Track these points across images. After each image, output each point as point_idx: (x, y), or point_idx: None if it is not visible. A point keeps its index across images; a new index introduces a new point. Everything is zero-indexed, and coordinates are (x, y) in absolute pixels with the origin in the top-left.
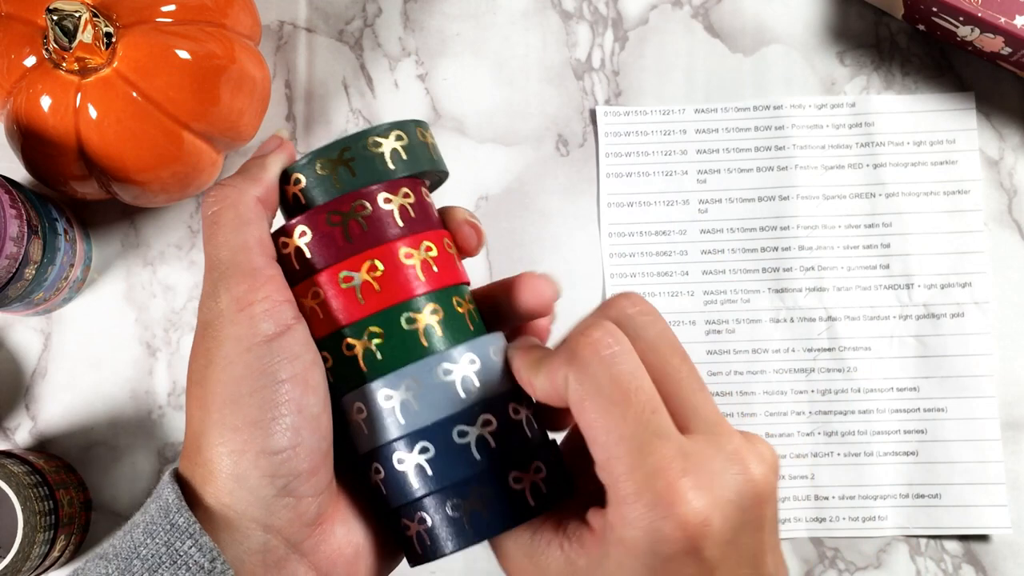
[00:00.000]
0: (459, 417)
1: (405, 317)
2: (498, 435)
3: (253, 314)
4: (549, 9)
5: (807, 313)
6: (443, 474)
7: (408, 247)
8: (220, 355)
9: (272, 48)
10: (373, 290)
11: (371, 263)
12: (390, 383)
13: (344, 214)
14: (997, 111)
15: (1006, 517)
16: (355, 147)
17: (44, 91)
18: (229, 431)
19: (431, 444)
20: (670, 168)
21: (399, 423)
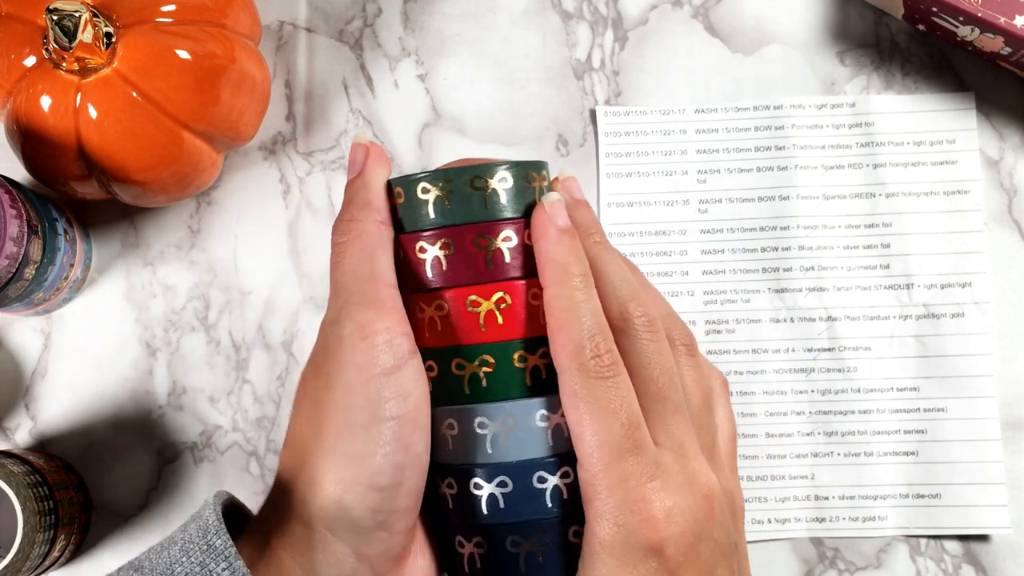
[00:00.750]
0: (543, 464)
1: (518, 355)
2: (571, 489)
3: (375, 344)
4: (549, 9)
5: (807, 313)
6: (514, 511)
7: (537, 289)
8: (341, 381)
9: (272, 48)
10: (495, 321)
11: (502, 295)
12: (489, 413)
13: (492, 239)
14: (997, 111)
15: (1006, 517)
16: (514, 175)
17: (44, 91)
18: (343, 458)
19: (511, 481)
20: (670, 168)
21: (486, 452)
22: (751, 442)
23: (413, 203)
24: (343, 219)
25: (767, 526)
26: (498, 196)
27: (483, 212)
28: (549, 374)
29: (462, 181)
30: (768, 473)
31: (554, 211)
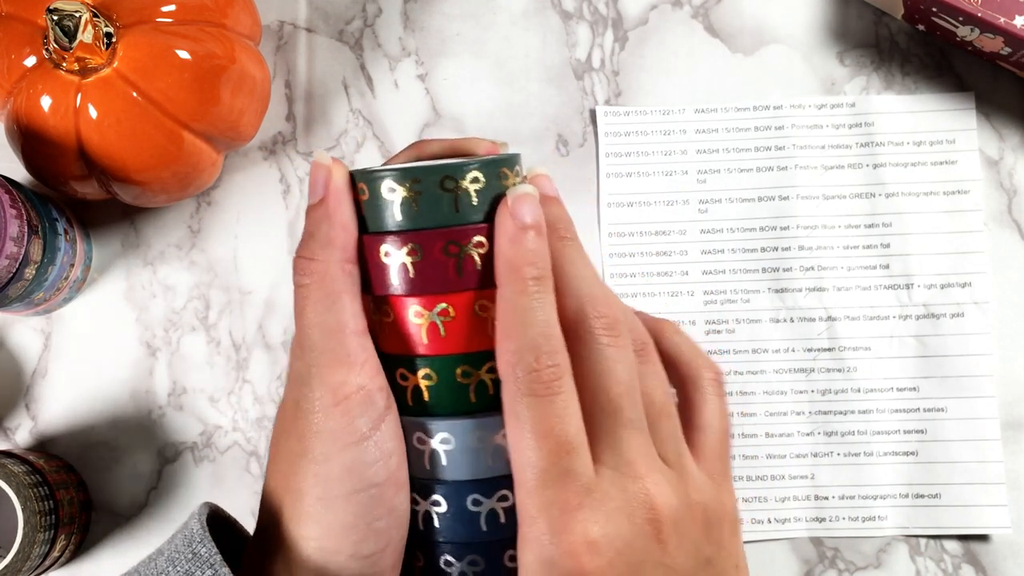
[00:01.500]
0: (478, 486)
1: (462, 370)
2: (508, 513)
3: (349, 408)
4: (549, 9)
5: (807, 313)
6: (448, 531)
7: (486, 300)
8: (316, 450)
9: (272, 48)
10: (438, 333)
11: (445, 307)
12: (428, 429)
13: (462, 246)
14: (997, 111)
15: (1006, 517)
16: (486, 173)
17: (44, 91)
18: (323, 528)
19: (444, 501)
20: (670, 168)
21: (424, 468)
22: (751, 442)
23: (378, 202)
24: (303, 256)
25: (767, 526)
26: (470, 198)
27: (453, 216)
28: (495, 390)
29: (431, 181)
30: (768, 473)
31: (516, 206)
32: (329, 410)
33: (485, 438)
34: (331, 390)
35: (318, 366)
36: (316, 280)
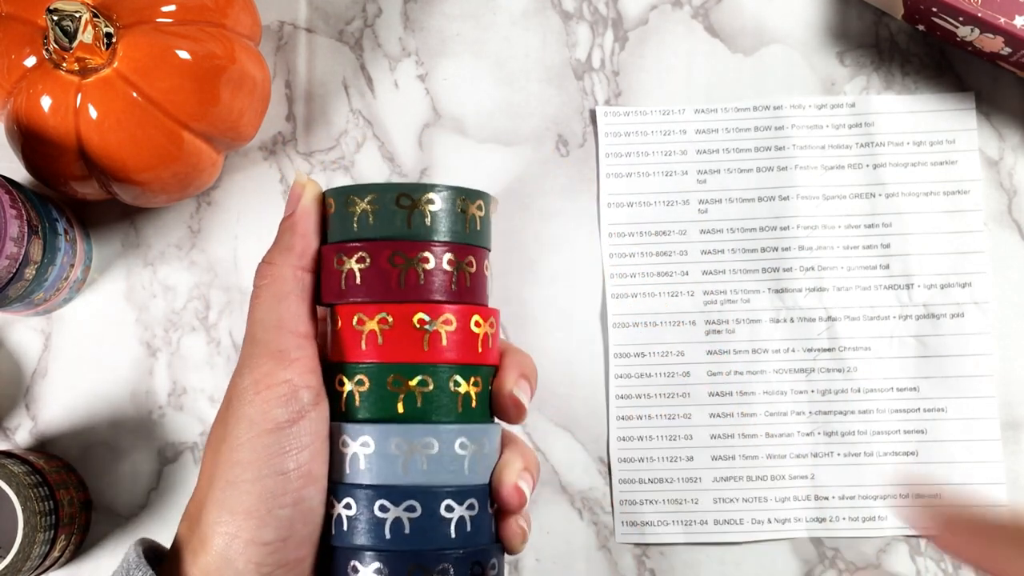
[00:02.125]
0: (388, 492)
1: (392, 378)
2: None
3: (268, 398)
4: (549, 9)
5: (807, 313)
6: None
7: (426, 314)
8: (233, 434)
9: (272, 48)
10: (376, 341)
11: (384, 315)
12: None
13: (408, 259)
14: (997, 111)
15: None
16: (442, 199)
17: (44, 91)
18: (227, 513)
19: (354, 504)
20: (670, 168)
21: (344, 470)
22: (751, 442)
23: (341, 215)
24: (264, 261)
25: (767, 526)
26: (424, 217)
27: (405, 231)
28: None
29: (388, 197)
30: (768, 473)
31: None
32: (251, 397)
33: (403, 447)
34: (256, 379)
35: (252, 357)
36: (269, 282)
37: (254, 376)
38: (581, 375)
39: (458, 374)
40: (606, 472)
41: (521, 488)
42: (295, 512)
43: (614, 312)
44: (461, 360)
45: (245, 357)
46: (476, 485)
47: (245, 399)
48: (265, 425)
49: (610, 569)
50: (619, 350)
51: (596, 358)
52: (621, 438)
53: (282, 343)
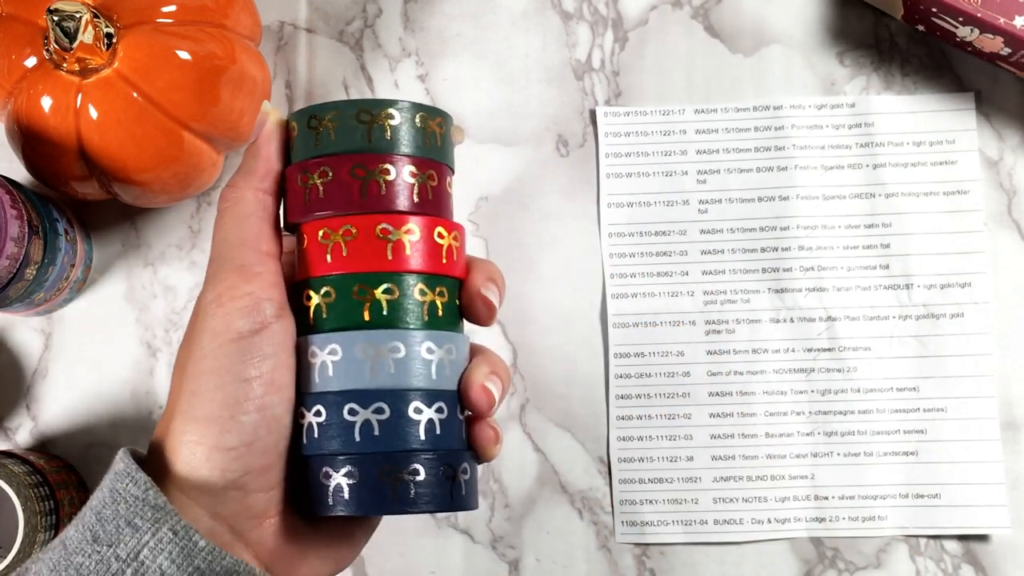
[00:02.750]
0: (357, 396)
1: (358, 287)
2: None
3: (231, 310)
4: (549, 9)
5: (807, 313)
6: (325, 440)
7: (389, 224)
8: (197, 346)
9: (272, 48)
10: (351, 251)
11: (348, 227)
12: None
13: (369, 171)
14: (997, 111)
15: (1006, 517)
16: (401, 114)
17: (45, 91)
18: (191, 422)
19: (324, 410)
20: (670, 168)
21: (313, 381)
22: (751, 442)
23: (303, 135)
24: (228, 185)
25: (767, 526)
26: (384, 131)
27: (366, 144)
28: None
29: (348, 114)
30: (768, 473)
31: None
32: (213, 310)
33: (370, 351)
34: (219, 293)
35: (215, 274)
36: (231, 204)
37: (217, 291)
38: (581, 375)
39: (423, 283)
40: (606, 472)
41: (489, 388)
42: (258, 419)
43: (614, 312)
44: (425, 269)
45: (209, 275)
46: (445, 390)
47: (208, 312)
48: (228, 335)
49: (610, 569)
50: (619, 350)
51: (596, 358)
52: (621, 438)
53: (245, 259)
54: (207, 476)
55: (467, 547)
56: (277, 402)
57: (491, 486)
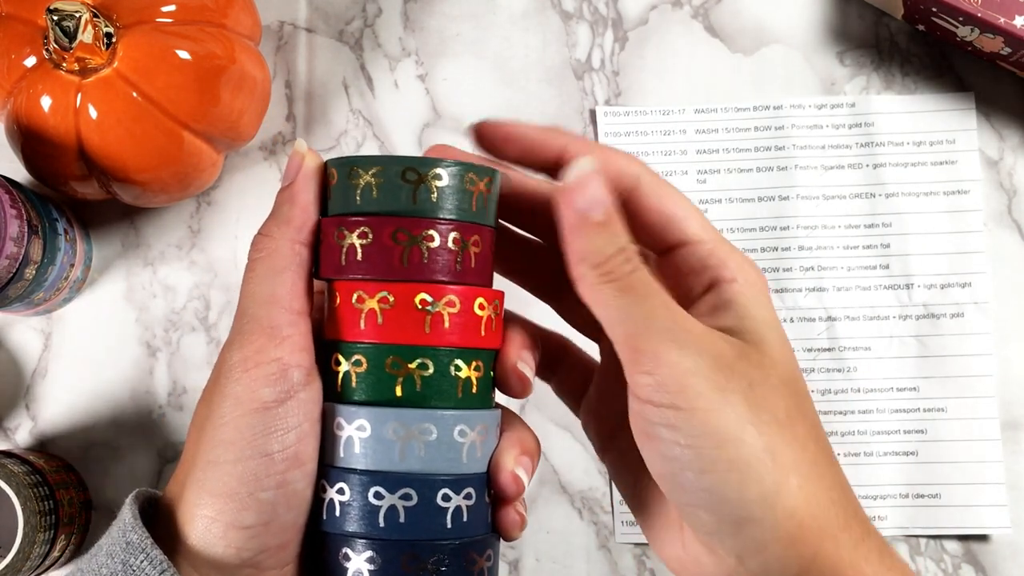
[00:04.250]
0: (384, 479)
1: (392, 360)
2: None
3: (256, 376)
4: (549, 9)
5: (807, 313)
6: (348, 521)
7: (429, 294)
8: (218, 412)
9: (272, 48)
10: (387, 320)
11: (385, 295)
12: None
13: (412, 236)
14: (997, 111)
15: (1006, 517)
16: (449, 175)
17: (44, 91)
18: (207, 494)
19: (348, 489)
20: (670, 168)
21: (337, 454)
22: None
23: (343, 186)
24: (261, 233)
25: None
26: (430, 193)
27: (410, 206)
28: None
29: (394, 171)
30: None
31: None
32: (239, 375)
33: (400, 432)
34: (246, 356)
35: (242, 333)
36: (266, 255)
37: (244, 352)
38: None
39: (459, 358)
40: (606, 472)
41: (518, 475)
42: (278, 495)
43: None
44: (463, 344)
45: (236, 332)
46: (474, 474)
47: (232, 376)
48: (251, 404)
49: (610, 569)
50: None
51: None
52: None
53: (275, 319)
54: (221, 554)
55: None
56: (299, 477)
57: None
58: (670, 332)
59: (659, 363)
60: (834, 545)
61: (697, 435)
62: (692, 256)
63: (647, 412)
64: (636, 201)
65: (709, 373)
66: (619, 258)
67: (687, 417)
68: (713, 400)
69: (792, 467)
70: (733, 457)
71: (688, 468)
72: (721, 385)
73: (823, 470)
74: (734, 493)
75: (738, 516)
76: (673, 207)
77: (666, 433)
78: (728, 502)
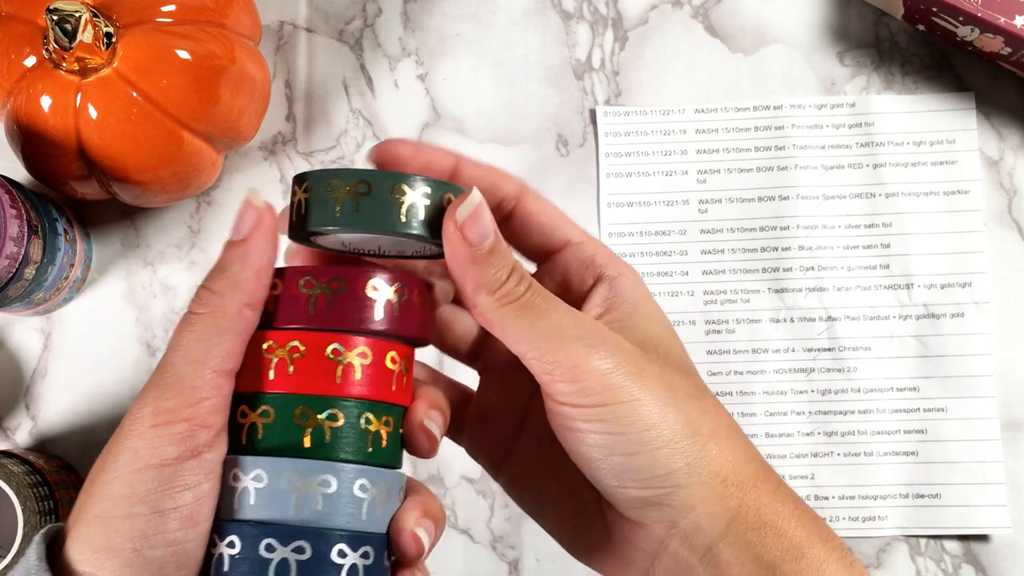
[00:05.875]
0: (277, 531)
1: (301, 411)
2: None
3: (161, 434)
4: (549, 9)
5: (807, 313)
6: None
7: (339, 344)
8: (112, 466)
9: (272, 48)
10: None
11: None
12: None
13: (317, 284)
14: (997, 111)
15: (1006, 517)
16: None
17: (44, 91)
18: (89, 549)
19: (239, 542)
20: (670, 168)
21: (231, 507)
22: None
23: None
24: (207, 287)
25: None
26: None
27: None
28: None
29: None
30: None
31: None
32: (143, 429)
33: (298, 483)
34: (157, 412)
35: (160, 387)
36: (210, 313)
37: (155, 407)
38: None
39: (370, 411)
40: None
41: (419, 536)
42: (166, 554)
43: None
44: (374, 396)
45: (154, 384)
46: (373, 533)
47: (135, 430)
48: (147, 461)
49: None
50: None
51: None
52: None
53: (199, 379)
54: None
55: (467, 547)
56: (192, 537)
57: (491, 486)
58: (581, 340)
59: (579, 371)
60: (756, 494)
61: (626, 423)
62: (578, 254)
63: (571, 413)
64: (521, 212)
65: (626, 367)
66: (512, 279)
67: (614, 411)
68: (635, 390)
69: (710, 435)
70: (659, 436)
71: (616, 452)
72: (637, 374)
73: (734, 433)
74: (662, 468)
75: (668, 486)
76: (554, 213)
77: (594, 427)
78: (657, 477)
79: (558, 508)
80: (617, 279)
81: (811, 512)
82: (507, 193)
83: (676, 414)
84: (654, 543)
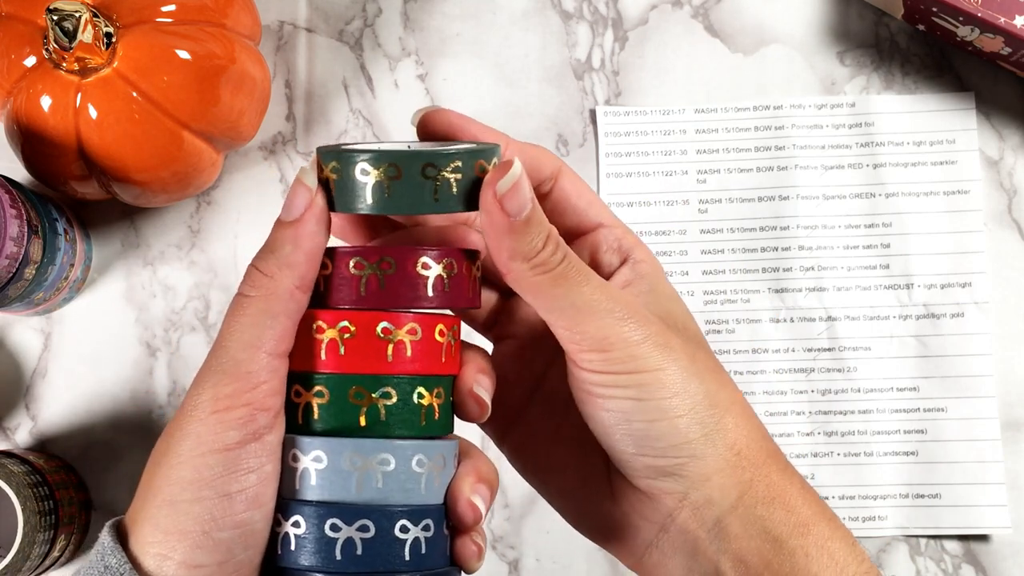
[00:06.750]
0: (341, 511)
1: (355, 391)
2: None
3: (223, 419)
4: (549, 9)
5: (807, 313)
6: (303, 555)
7: (389, 322)
8: (176, 451)
9: (272, 48)
10: (349, 350)
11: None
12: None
13: (368, 265)
14: (997, 111)
15: (1006, 517)
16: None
17: (44, 91)
18: (160, 532)
19: (304, 522)
20: (670, 168)
21: (293, 487)
22: None
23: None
24: (258, 268)
25: None
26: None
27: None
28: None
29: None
30: None
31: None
32: (203, 415)
33: (359, 463)
34: (216, 397)
35: (217, 372)
36: (262, 295)
37: (214, 392)
38: None
39: (422, 386)
40: None
41: (476, 504)
42: (235, 535)
43: None
44: (425, 371)
45: (211, 369)
46: (432, 505)
47: (196, 415)
48: (212, 446)
49: (610, 569)
50: None
51: None
52: None
53: (255, 364)
54: None
55: None
56: (259, 518)
57: None
58: (611, 312)
59: (608, 342)
60: (767, 469)
61: (651, 390)
62: (609, 236)
63: (596, 379)
64: (560, 189)
65: (654, 338)
66: (548, 248)
67: (639, 378)
68: (661, 360)
69: (727, 407)
70: (681, 404)
71: (637, 418)
72: (664, 345)
73: (748, 410)
74: (681, 437)
75: (684, 456)
76: (589, 195)
77: (617, 392)
78: (675, 446)
79: (564, 477)
80: (641, 263)
81: (816, 494)
82: (547, 173)
83: (698, 385)
84: (662, 515)
